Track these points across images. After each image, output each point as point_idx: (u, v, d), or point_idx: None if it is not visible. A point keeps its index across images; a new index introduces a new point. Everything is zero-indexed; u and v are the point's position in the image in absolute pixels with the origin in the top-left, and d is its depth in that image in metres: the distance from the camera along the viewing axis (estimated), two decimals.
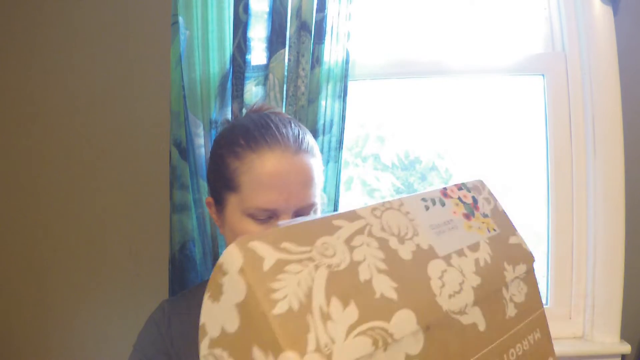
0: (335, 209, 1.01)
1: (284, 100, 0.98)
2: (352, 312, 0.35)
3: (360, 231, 0.40)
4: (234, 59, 0.97)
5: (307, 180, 0.69)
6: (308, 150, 0.71)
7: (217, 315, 0.38)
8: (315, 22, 0.96)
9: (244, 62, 0.97)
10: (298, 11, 0.96)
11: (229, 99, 0.98)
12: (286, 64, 0.97)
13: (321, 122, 0.98)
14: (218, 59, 0.97)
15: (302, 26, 0.96)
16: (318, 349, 0.32)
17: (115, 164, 1.12)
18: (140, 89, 1.11)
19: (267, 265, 0.35)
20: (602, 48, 1.09)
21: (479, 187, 0.52)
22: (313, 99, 0.97)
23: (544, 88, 1.18)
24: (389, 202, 0.44)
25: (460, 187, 0.51)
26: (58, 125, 1.12)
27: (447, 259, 0.43)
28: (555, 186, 1.16)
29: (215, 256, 1.00)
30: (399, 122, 1.36)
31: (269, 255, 0.35)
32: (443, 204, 0.48)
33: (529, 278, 0.49)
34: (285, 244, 0.36)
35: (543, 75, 1.17)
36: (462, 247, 0.45)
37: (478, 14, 1.21)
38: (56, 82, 1.12)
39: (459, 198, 0.49)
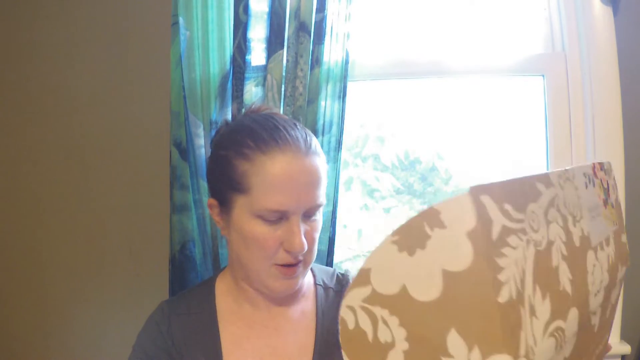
0: (334, 209, 1.01)
1: (282, 100, 0.98)
2: (547, 306, 0.29)
3: (552, 203, 0.34)
4: (234, 59, 0.97)
5: (316, 181, 0.70)
6: (316, 152, 0.72)
7: (399, 270, 0.29)
8: (315, 22, 0.96)
9: (244, 62, 0.97)
10: (297, 12, 0.96)
11: (229, 99, 0.98)
12: (284, 64, 0.97)
13: (321, 122, 0.98)
14: (218, 60, 0.97)
15: (301, 27, 0.96)
16: (527, 354, 0.27)
17: (115, 164, 1.12)
18: (141, 89, 1.11)
19: (495, 232, 0.27)
20: (602, 48, 1.09)
21: (610, 170, 0.46)
22: (313, 99, 0.97)
23: (544, 88, 1.17)
24: (565, 170, 0.37)
25: (601, 166, 0.44)
26: (58, 125, 1.12)
27: (595, 251, 0.38)
28: None
29: (215, 256, 1.00)
30: (398, 122, 1.36)
31: (496, 218, 0.28)
32: (594, 184, 0.41)
33: (622, 282, 0.45)
34: (507, 206, 0.29)
35: (543, 75, 1.17)
36: (602, 240, 0.40)
37: (478, 14, 1.21)
38: (56, 82, 1.12)
39: (601, 180, 0.43)
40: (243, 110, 0.97)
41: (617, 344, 1.09)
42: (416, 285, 0.28)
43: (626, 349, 1.09)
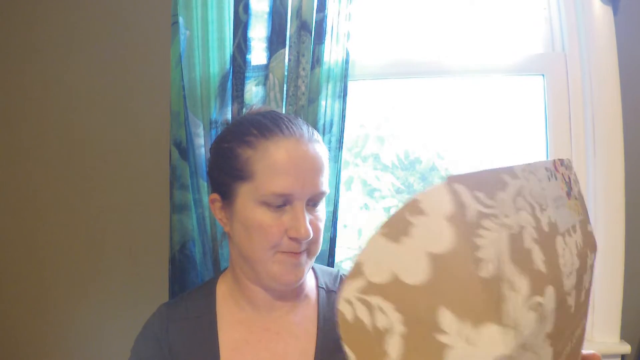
0: (335, 209, 1.01)
1: (284, 100, 0.98)
2: (524, 282, 0.32)
3: (519, 192, 0.37)
4: (234, 58, 0.97)
5: (320, 168, 0.71)
6: (318, 141, 0.74)
7: (389, 258, 0.32)
8: (316, 22, 0.96)
9: (244, 62, 0.97)
10: (298, 11, 0.96)
11: (229, 99, 0.98)
12: (286, 63, 0.97)
13: (321, 122, 0.98)
14: (218, 59, 0.97)
15: (303, 26, 0.96)
16: (510, 323, 0.29)
17: (115, 164, 1.12)
18: (140, 89, 1.11)
19: (469, 215, 0.30)
20: (602, 48, 1.09)
21: (571, 166, 0.49)
22: (313, 98, 0.97)
23: (544, 88, 1.17)
24: (528, 165, 0.41)
25: (561, 162, 0.47)
26: (58, 125, 1.12)
27: (563, 236, 0.41)
28: None
29: (216, 256, 1.00)
30: (399, 122, 1.36)
31: (469, 203, 0.31)
32: (556, 178, 0.45)
33: (593, 268, 0.48)
34: (478, 194, 0.32)
35: (543, 75, 1.17)
36: (568, 227, 0.43)
37: (478, 14, 1.21)
38: (56, 82, 1.12)
39: (562, 175, 0.46)
40: (244, 109, 0.97)
41: (617, 344, 1.09)
42: (406, 270, 0.31)
43: (626, 348, 1.09)
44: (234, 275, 0.78)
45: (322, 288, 0.80)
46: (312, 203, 0.71)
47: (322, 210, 0.74)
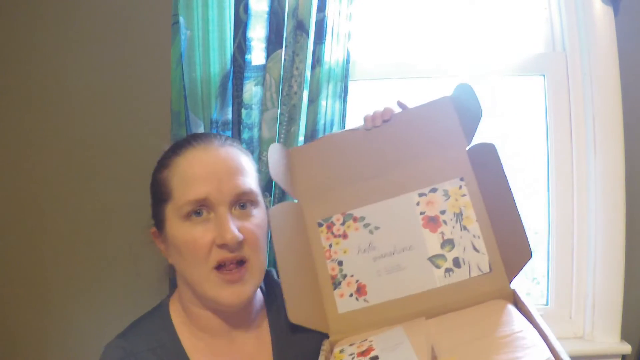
0: None
1: (279, 99, 0.97)
2: None
3: None
4: (234, 59, 0.97)
5: (236, 168, 0.69)
6: (234, 145, 0.73)
7: None
8: (316, 22, 0.96)
9: (244, 62, 0.97)
10: (295, 11, 0.96)
11: (229, 98, 0.98)
12: (282, 63, 0.97)
13: (321, 122, 0.98)
14: (219, 59, 0.97)
15: (298, 25, 0.96)
16: None
17: (115, 164, 1.12)
18: (141, 89, 1.11)
19: None
20: (603, 48, 1.09)
21: None
22: (313, 99, 0.97)
23: (544, 88, 1.17)
24: None
25: None
26: (58, 125, 1.12)
27: None
28: (555, 186, 1.16)
29: None
30: None
31: None
32: None
33: None
34: None
35: (544, 75, 1.17)
36: None
37: (478, 14, 1.21)
38: (56, 82, 1.12)
39: None
40: (243, 109, 0.97)
41: (617, 344, 1.09)
42: None
43: (627, 348, 1.09)
44: (182, 304, 0.75)
45: (271, 304, 0.78)
46: (239, 206, 0.68)
47: (256, 215, 0.70)
